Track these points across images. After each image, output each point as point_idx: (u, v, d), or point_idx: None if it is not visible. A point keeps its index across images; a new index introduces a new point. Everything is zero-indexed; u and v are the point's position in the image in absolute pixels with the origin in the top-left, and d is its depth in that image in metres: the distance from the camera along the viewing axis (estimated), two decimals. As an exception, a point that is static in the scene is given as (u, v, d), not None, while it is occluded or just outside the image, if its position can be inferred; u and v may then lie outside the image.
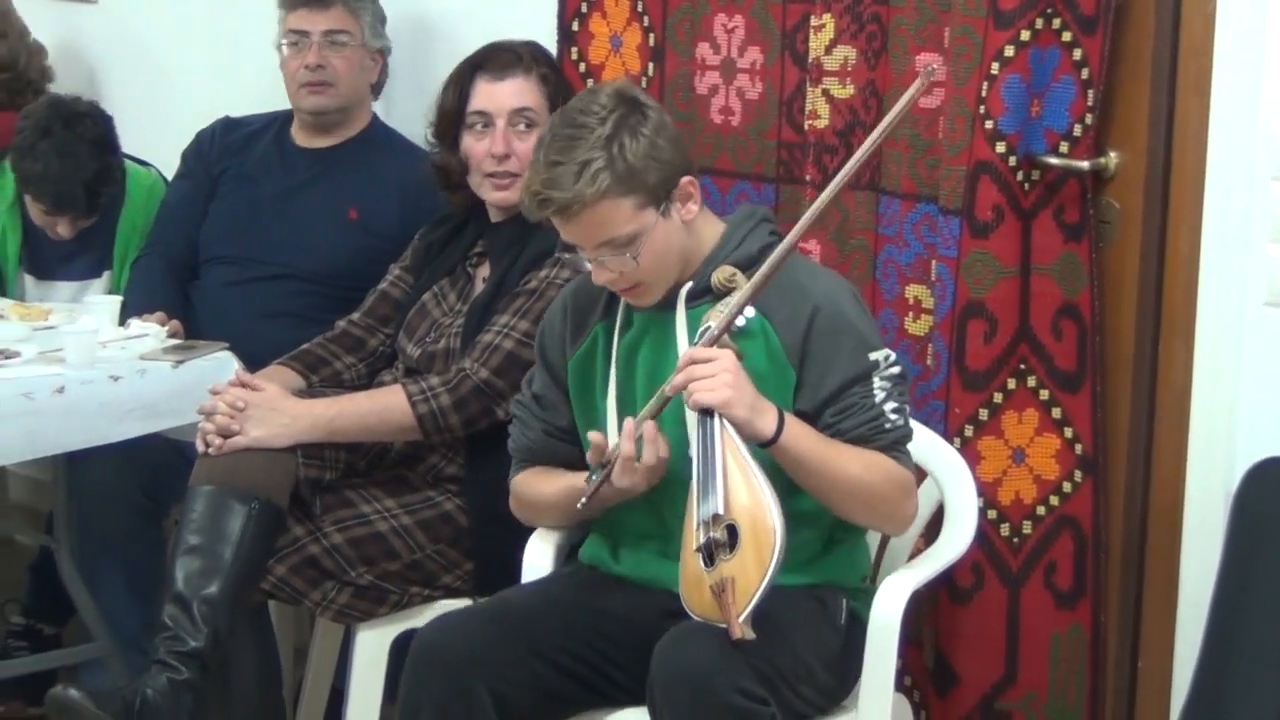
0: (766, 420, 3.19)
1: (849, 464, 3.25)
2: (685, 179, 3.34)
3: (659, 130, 3.31)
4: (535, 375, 3.61)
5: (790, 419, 3.23)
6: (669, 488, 3.34)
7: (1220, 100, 3.50)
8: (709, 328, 3.25)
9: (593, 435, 3.35)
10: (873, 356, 3.30)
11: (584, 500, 3.39)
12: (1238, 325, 3.51)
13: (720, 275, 3.32)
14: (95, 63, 5.47)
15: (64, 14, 5.45)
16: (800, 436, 3.23)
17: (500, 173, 3.97)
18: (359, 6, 4.55)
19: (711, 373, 3.16)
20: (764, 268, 3.22)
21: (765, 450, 3.19)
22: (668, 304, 3.38)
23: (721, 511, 3.12)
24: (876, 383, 3.28)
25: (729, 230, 3.42)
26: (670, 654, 3.12)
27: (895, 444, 3.30)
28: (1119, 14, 3.57)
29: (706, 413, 3.18)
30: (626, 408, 3.39)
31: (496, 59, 4.03)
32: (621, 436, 3.28)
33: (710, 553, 3.11)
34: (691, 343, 3.28)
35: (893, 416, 3.29)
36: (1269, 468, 3.43)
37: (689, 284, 3.37)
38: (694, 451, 3.22)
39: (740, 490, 3.13)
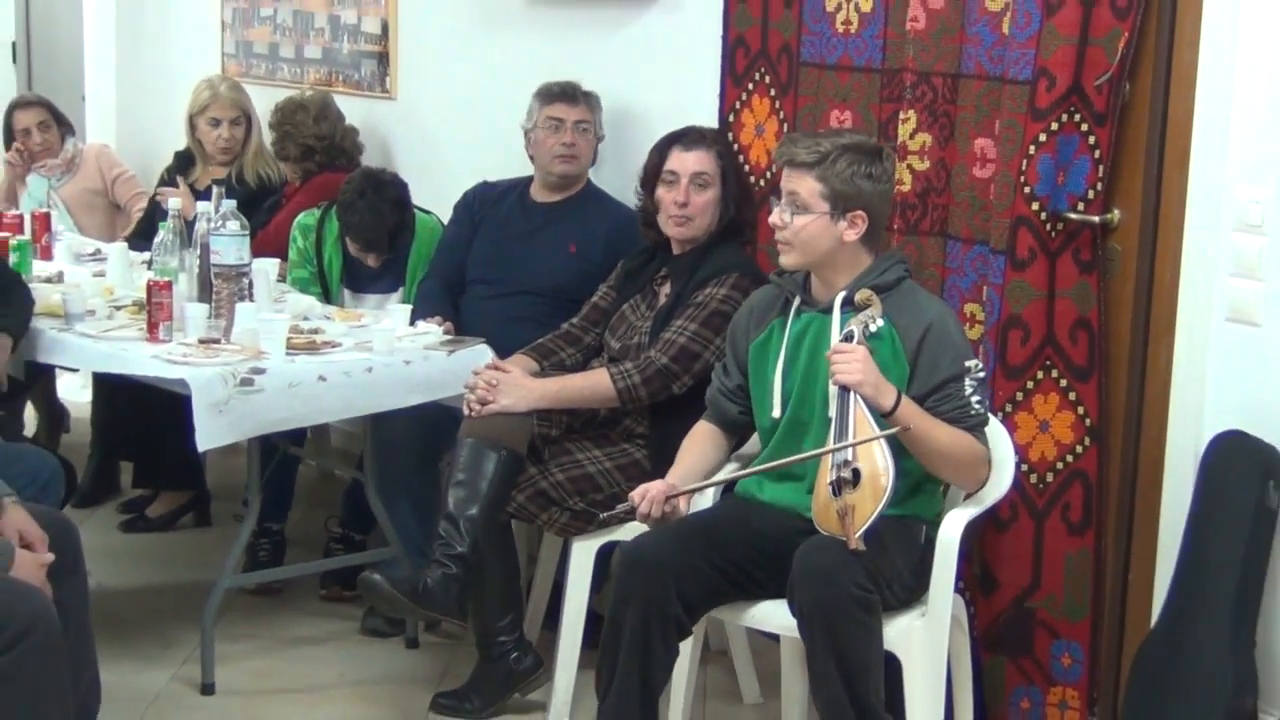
0: (888, 397, 3.24)
1: (943, 436, 3.28)
2: (860, 212, 3.37)
3: (871, 176, 3.37)
4: (726, 351, 3.65)
5: (905, 398, 3.25)
6: (809, 443, 3.38)
7: (1195, 175, 3.46)
8: (852, 330, 3.29)
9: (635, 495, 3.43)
10: (967, 363, 3.34)
11: (604, 514, 3.55)
12: (1205, 335, 3.46)
13: (861, 295, 3.35)
14: (394, 141, 5.53)
15: (372, 106, 5.52)
16: (910, 411, 3.26)
17: (680, 215, 3.98)
18: (595, 105, 4.57)
19: (848, 361, 3.22)
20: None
21: (885, 419, 3.23)
22: (827, 308, 3.40)
23: (851, 459, 3.18)
24: (967, 382, 3.32)
25: (876, 262, 3.44)
26: (806, 558, 3.17)
27: (976, 426, 3.34)
28: (1123, 113, 3.53)
29: (845, 389, 3.23)
30: (789, 377, 3.44)
31: (689, 135, 4.05)
32: (647, 500, 3.38)
33: (839, 487, 3.16)
34: (840, 338, 3.32)
35: (977, 406, 3.33)
36: (1228, 438, 3.40)
37: (844, 292, 3.39)
38: (832, 413, 3.26)
39: (867, 447, 3.19)
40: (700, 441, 3.61)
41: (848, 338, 3.30)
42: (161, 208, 4.81)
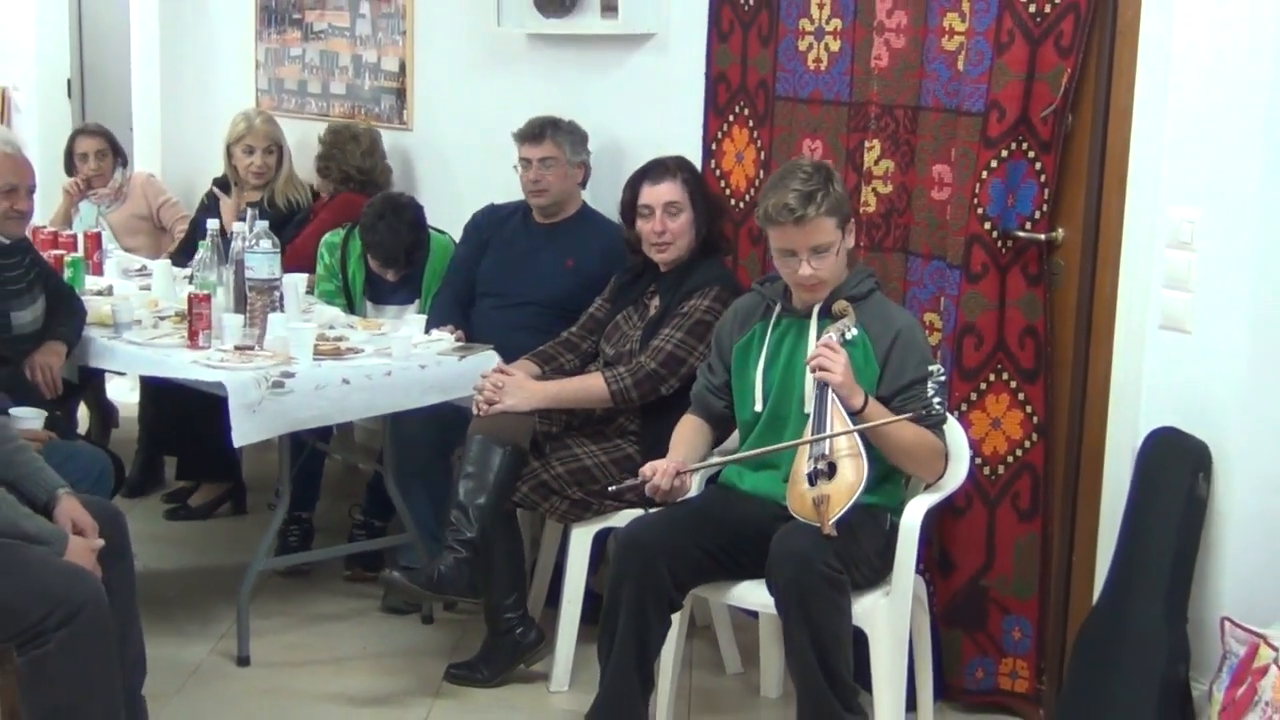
0: (859, 399, 3.23)
1: (905, 433, 3.28)
2: (851, 220, 3.40)
3: (842, 184, 3.37)
4: (712, 352, 3.62)
5: (871, 400, 3.25)
6: (787, 435, 3.36)
7: (1132, 197, 3.44)
8: (830, 336, 3.28)
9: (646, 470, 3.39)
10: (930, 368, 3.34)
11: (614, 488, 3.50)
12: (1141, 341, 3.45)
13: (838, 306, 3.35)
14: (410, 168, 5.50)
15: (393, 138, 5.48)
16: (876, 411, 3.24)
17: (660, 243, 3.95)
18: (562, 139, 4.48)
19: (834, 360, 3.21)
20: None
21: (855, 417, 3.23)
22: (805, 314, 3.40)
23: (827, 453, 3.18)
24: (930, 384, 3.32)
25: (852, 276, 3.44)
26: (782, 541, 3.16)
27: (936, 425, 3.34)
28: (1066, 141, 3.52)
29: (823, 387, 3.23)
30: (769, 375, 3.43)
31: (655, 170, 4.01)
32: (659, 474, 3.35)
33: (815, 477, 3.16)
34: (819, 341, 3.31)
35: (937, 406, 3.33)
36: (1162, 434, 3.39)
37: (821, 302, 3.38)
38: (808, 410, 3.26)
39: (843, 442, 3.18)
40: (691, 431, 3.60)
41: None
42: (201, 228, 4.81)
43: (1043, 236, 3.56)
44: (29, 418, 3.62)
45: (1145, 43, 3.37)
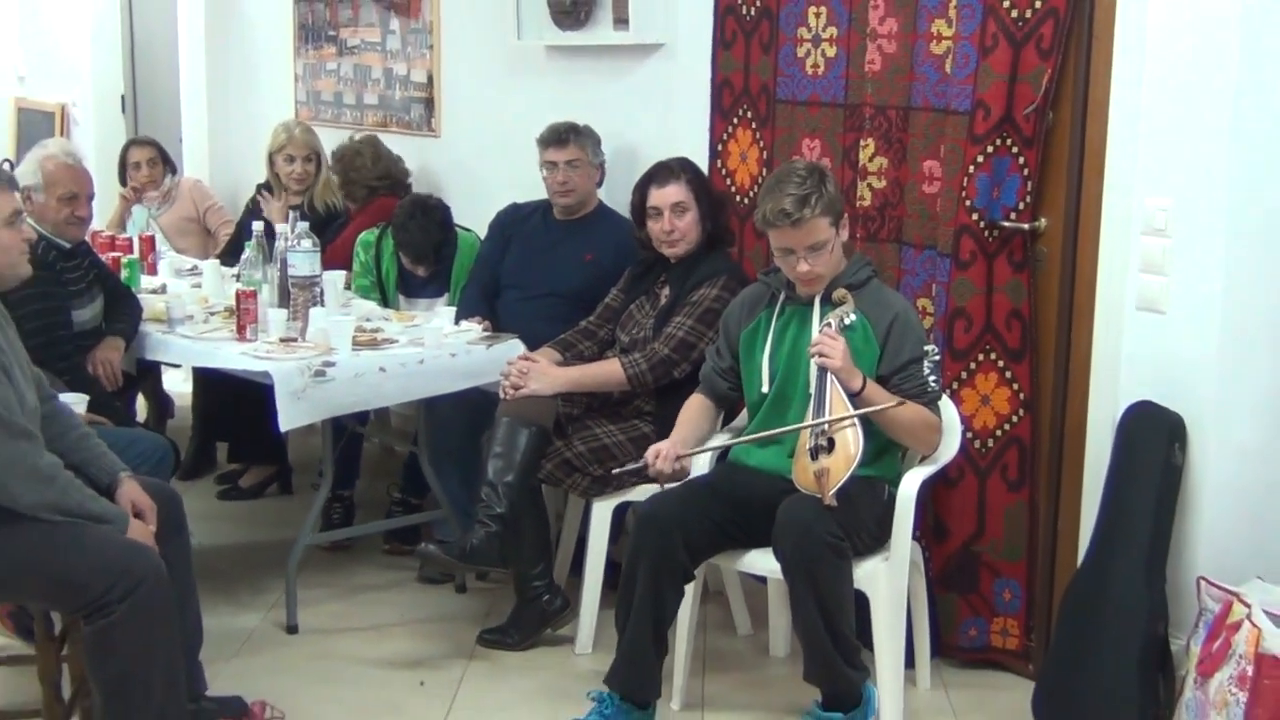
0: (857, 381, 3.23)
1: (903, 410, 3.27)
2: (844, 216, 3.38)
3: (834, 184, 3.36)
4: (720, 337, 3.62)
5: (870, 381, 3.25)
6: (792, 414, 3.35)
7: (1109, 188, 3.43)
8: (830, 323, 3.27)
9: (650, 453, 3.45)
10: (925, 348, 3.34)
11: (616, 470, 3.55)
12: (1119, 321, 3.43)
13: (837, 294, 3.35)
14: (439, 172, 5.50)
15: (421, 143, 5.49)
16: (874, 391, 3.24)
17: (669, 240, 3.94)
18: (584, 142, 4.48)
19: (833, 347, 3.21)
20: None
21: (854, 398, 3.23)
22: (808, 302, 3.38)
23: (827, 429, 3.17)
24: (925, 363, 3.33)
25: (850, 265, 3.43)
26: (787, 512, 3.16)
27: (931, 401, 3.34)
28: (1047, 137, 3.51)
29: (823, 371, 3.22)
30: (775, 359, 3.42)
31: (660, 173, 3.99)
32: (661, 459, 3.39)
33: (816, 453, 3.15)
34: (819, 328, 3.31)
35: (933, 384, 3.33)
36: (1139, 407, 3.37)
37: (823, 290, 3.37)
38: (813, 390, 3.25)
39: (841, 420, 3.18)
40: (695, 412, 3.60)
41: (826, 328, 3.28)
42: (247, 230, 4.81)
43: (1026, 226, 3.55)
44: (71, 403, 3.61)
45: (1120, 44, 3.36)
